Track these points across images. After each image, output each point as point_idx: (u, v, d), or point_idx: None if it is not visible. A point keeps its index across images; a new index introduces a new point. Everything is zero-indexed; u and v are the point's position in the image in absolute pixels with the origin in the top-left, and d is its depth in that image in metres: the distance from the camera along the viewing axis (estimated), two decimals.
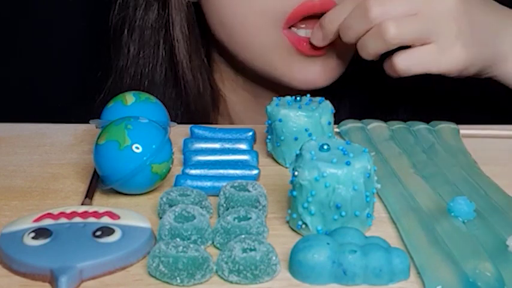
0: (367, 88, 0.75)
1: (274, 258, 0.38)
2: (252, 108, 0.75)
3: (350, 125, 0.58)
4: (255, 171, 0.50)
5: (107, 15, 0.74)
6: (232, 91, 0.75)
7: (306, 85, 0.66)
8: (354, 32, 0.59)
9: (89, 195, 0.47)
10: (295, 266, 0.39)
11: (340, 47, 0.65)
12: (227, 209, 0.44)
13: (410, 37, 0.58)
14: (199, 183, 0.48)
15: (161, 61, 0.71)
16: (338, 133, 0.59)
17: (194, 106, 0.72)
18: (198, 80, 0.72)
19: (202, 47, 0.72)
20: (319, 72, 0.66)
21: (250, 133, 0.56)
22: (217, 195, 0.46)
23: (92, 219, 0.42)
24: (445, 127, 0.59)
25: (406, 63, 0.58)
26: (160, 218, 0.45)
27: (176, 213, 0.42)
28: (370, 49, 0.59)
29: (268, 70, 0.67)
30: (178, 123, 0.55)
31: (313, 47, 0.64)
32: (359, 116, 0.61)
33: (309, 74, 0.66)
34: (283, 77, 0.67)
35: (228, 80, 0.74)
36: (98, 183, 0.49)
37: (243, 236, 0.40)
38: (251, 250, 0.39)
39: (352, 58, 0.69)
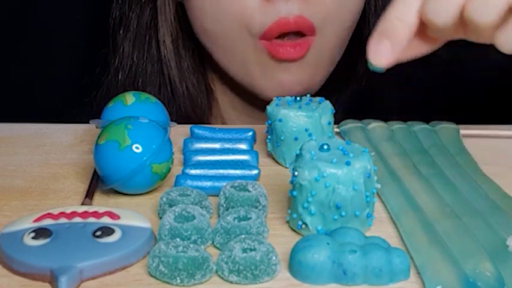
0: (367, 88, 0.75)
1: (274, 258, 0.39)
2: (244, 111, 0.75)
3: (350, 125, 0.58)
4: (255, 171, 0.50)
5: (106, 14, 0.74)
6: (223, 93, 0.75)
7: (280, 91, 0.64)
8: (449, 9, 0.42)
9: (89, 195, 0.47)
10: (295, 266, 0.39)
11: (318, 54, 0.65)
12: (227, 209, 0.45)
13: None
14: (199, 183, 0.48)
15: (154, 61, 0.72)
16: (338, 133, 0.59)
17: (184, 107, 0.72)
18: (189, 81, 0.72)
19: (194, 49, 0.72)
20: (295, 78, 0.65)
21: (250, 133, 0.57)
22: (217, 195, 0.46)
23: (92, 219, 0.42)
24: (445, 127, 0.59)
25: None
26: (160, 218, 0.45)
27: (176, 213, 0.42)
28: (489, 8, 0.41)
29: (242, 76, 0.67)
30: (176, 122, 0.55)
31: (288, 51, 0.63)
32: (358, 116, 0.61)
33: (284, 80, 0.65)
34: (256, 84, 0.66)
35: (219, 82, 0.75)
36: (98, 183, 0.49)
37: (243, 236, 0.40)
38: (251, 250, 0.39)
39: (351, 58, 0.69)
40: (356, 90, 0.75)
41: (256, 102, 0.71)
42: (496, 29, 0.42)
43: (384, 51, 0.44)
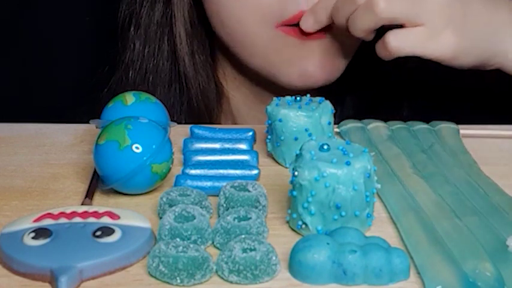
0: (368, 88, 0.75)
1: (274, 258, 0.39)
2: (255, 107, 0.75)
3: (350, 125, 0.58)
4: (255, 171, 0.50)
5: (110, 12, 0.74)
6: (235, 89, 0.75)
7: (305, 79, 0.66)
8: (343, 12, 0.59)
9: (89, 195, 0.47)
10: (295, 266, 0.39)
11: (336, 33, 0.65)
12: (227, 209, 0.45)
13: (400, 14, 0.57)
14: (199, 183, 0.48)
15: (165, 57, 0.72)
16: (338, 133, 0.59)
17: (196, 103, 0.72)
18: (201, 77, 0.72)
19: (206, 44, 0.72)
20: (318, 62, 0.66)
21: (250, 133, 0.56)
22: (217, 195, 0.46)
23: (92, 219, 0.42)
24: (445, 127, 0.59)
25: (397, 43, 0.58)
26: (160, 218, 0.45)
27: (176, 213, 0.42)
28: (359, 24, 0.58)
29: (266, 68, 0.68)
30: (180, 122, 0.55)
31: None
32: (359, 116, 0.61)
33: (308, 66, 0.66)
34: (281, 74, 0.67)
35: (231, 78, 0.75)
36: (98, 183, 0.49)
37: (243, 236, 0.40)
38: (251, 250, 0.39)
39: (352, 58, 0.69)
40: (368, 88, 0.75)
41: (268, 98, 0.72)
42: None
43: (311, 22, 0.63)
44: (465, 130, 0.59)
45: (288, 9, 0.63)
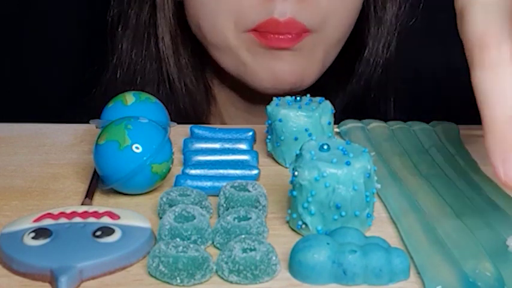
0: (367, 88, 0.75)
1: (274, 258, 0.39)
2: (242, 107, 0.75)
3: (350, 125, 0.58)
4: (255, 171, 0.50)
5: (104, 12, 0.74)
6: (221, 90, 0.75)
7: (274, 82, 0.65)
8: None
9: (89, 195, 0.47)
10: (295, 266, 0.39)
11: (312, 47, 0.65)
12: (227, 209, 0.45)
13: None
14: (199, 183, 0.48)
15: (152, 58, 0.72)
16: (338, 133, 0.59)
17: (183, 104, 0.72)
18: (186, 78, 0.72)
19: (192, 46, 0.72)
20: (287, 67, 0.65)
21: (250, 133, 0.57)
22: (217, 195, 0.46)
23: (92, 219, 0.42)
24: (445, 127, 0.59)
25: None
26: (160, 218, 0.45)
27: (176, 213, 0.42)
28: None
29: (237, 70, 0.67)
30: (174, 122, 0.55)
31: (279, 39, 0.63)
32: (358, 116, 0.61)
33: (276, 69, 0.65)
34: (251, 75, 0.66)
35: (216, 79, 0.75)
36: (98, 183, 0.49)
37: (243, 236, 0.40)
38: (251, 250, 0.39)
39: (350, 56, 0.69)
40: (355, 89, 0.75)
41: (254, 98, 0.72)
42: None
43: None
44: (465, 130, 0.59)
45: (260, 16, 0.63)
